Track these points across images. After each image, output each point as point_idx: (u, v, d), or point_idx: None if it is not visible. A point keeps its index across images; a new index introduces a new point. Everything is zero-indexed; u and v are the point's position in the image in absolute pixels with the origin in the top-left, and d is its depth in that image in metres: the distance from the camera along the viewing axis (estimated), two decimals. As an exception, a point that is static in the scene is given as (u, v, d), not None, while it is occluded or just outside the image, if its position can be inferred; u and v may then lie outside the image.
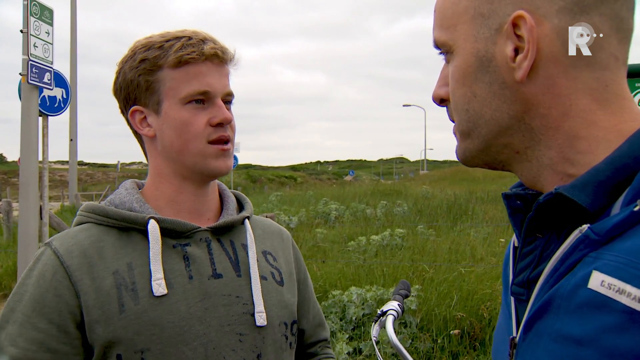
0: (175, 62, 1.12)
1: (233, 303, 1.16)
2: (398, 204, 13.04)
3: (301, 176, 73.49)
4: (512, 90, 0.69)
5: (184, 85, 1.13)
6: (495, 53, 0.69)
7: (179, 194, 1.20)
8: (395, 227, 9.17)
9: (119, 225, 1.14)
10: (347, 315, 5.14)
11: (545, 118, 0.68)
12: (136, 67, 1.15)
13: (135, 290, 1.08)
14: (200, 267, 1.14)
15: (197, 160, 1.16)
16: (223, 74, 1.18)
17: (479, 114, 0.72)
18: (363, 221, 11.58)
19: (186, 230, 1.16)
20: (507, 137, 0.71)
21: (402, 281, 2.32)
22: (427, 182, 25.12)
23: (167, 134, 1.16)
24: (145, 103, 1.17)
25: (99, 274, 1.08)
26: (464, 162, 0.79)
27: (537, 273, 0.69)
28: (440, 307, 5.18)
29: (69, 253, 1.09)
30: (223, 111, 1.16)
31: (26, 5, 5.41)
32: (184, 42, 1.14)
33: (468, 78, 0.72)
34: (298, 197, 18.35)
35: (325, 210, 12.83)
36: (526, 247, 0.72)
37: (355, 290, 5.29)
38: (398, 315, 2.09)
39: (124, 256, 1.11)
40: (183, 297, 1.10)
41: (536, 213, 0.68)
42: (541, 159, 0.70)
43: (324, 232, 9.54)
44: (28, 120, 5.41)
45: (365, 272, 6.39)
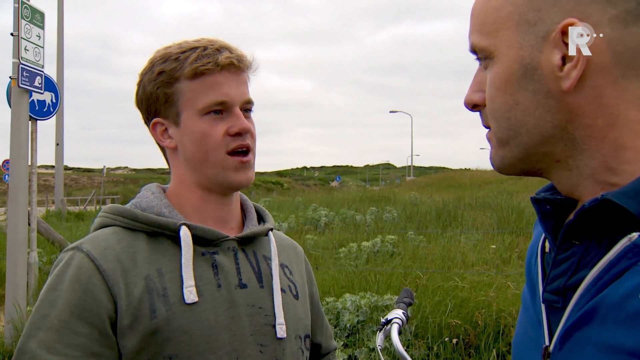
0: (191, 74, 1.12)
1: (256, 314, 1.16)
2: (387, 210, 13.04)
3: (287, 182, 73.46)
4: (557, 100, 0.67)
5: (201, 96, 1.13)
6: (541, 61, 0.68)
7: (204, 202, 1.20)
8: (386, 234, 9.17)
9: (147, 230, 1.13)
10: (341, 322, 5.11)
11: (590, 128, 0.67)
12: (154, 80, 1.15)
13: (167, 296, 1.07)
14: (227, 276, 1.14)
15: (217, 172, 1.16)
16: (240, 82, 1.17)
17: (520, 122, 0.71)
18: (353, 227, 11.57)
19: (216, 239, 1.16)
20: (548, 146, 0.70)
21: (405, 289, 2.30)
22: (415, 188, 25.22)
23: (187, 145, 1.16)
24: (166, 115, 1.17)
25: (132, 279, 1.07)
26: (499, 169, 0.78)
27: (575, 281, 0.67)
28: (434, 314, 5.17)
29: (104, 257, 1.07)
30: (241, 120, 1.15)
31: (17, 8, 5.35)
32: (199, 52, 1.13)
33: (510, 86, 0.70)
34: (287, 203, 18.31)
35: (315, 216, 12.80)
36: (562, 253, 0.70)
37: (350, 297, 5.26)
38: (403, 323, 2.07)
39: (154, 262, 1.10)
40: (212, 305, 1.10)
41: (577, 219, 0.67)
42: (582, 169, 0.69)
43: (314, 239, 9.52)
44: (18, 124, 5.34)
45: (359, 279, 6.36)
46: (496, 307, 5.08)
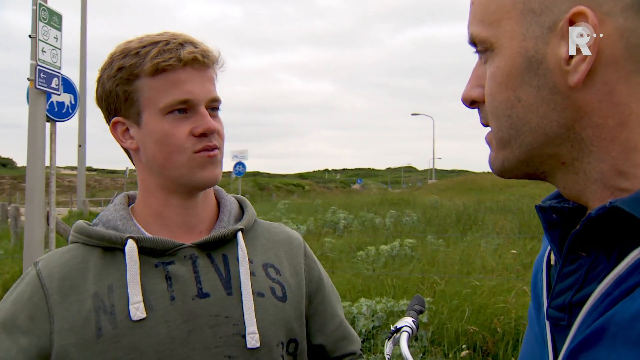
0: (152, 70, 1.05)
1: (221, 324, 1.07)
2: (407, 214, 12.93)
3: (309, 184, 73.47)
4: (563, 96, 0.61)
5: (163, 95, 1.06)
6: (547, 54, 0.61)
7: (165, 207, 1.13)
8: (405, 237, 9.07)
9: (102, 245, 1.09)
10: (356, 328, 5.03)
11: (599, 128, 0.60)
12: (114, 77, 1.08)
13: (114, 313, 1.02)
14: (183, 287, 1.07)
15: (182, 172, 1.08)
16: (206, 79, 1.10)
17: (523, 121, 0.64)
18: (372, 231, 11.48)
19: (167, 248, 1.08)
20: (553, 147, 0.64)
21: (416, 296, 2.22)
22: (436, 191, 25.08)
23: (149, 146, 1.09)
24: (126, 114, 1.10)
25: (78, 297, 1.03)
26: (500, 173, 0.71)
27: (581, 296, 0.61)
28: (452, 320, 5.07)
29: (50, 276, 1.05)
30: (206, 120, 1.08)
31: (35, 11, 5.37)
32: (160, 47, 1.05)
33: (513, 81, 0.64)
34: (306, 206, 18.30)
35: (334, 219, 12.74)
36: (567, 266, 0.65)
37: (365, 302, 5.19)
38: (413, 332, 1.98)
39: (105, 277, 1.06)
40: (164, 319, 1.04)
41: (584, 228, 0.61)
42: (590, 172, 0.62)
43: (332, 242, 9.45)
44: (35, 125, 5.36)
45: (375, 283, 6.28)
46: (515, 314, 4.96)
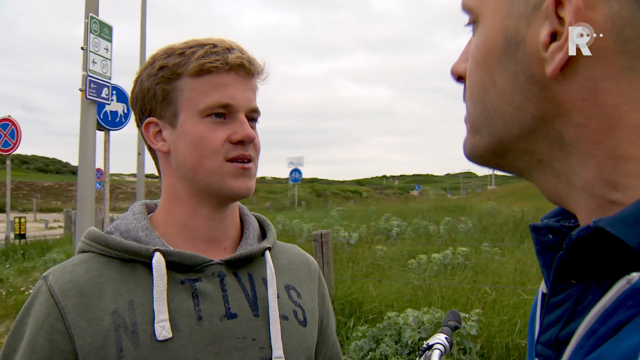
0: (196, 70, 1.01)
1: (248, 347, 1.02)
2: (462, 221, 12.62)
3: (366, 190, 73.20)
4: (541, 87, 0.52)
5: (204, 96, 1.02)
6: (527, 36, 0.52)
7: (193, 218, 1.07)
8: (458, 245, 8.83)
9: (121, 257, 1.02)
10: (402, 339, 4.90)
11: (581, 129, 0.51)
12: (154, 75, 1.04)
13: (136, 332, 0.95)
14: (211, 306, 1.01)
15: (213, 179, 1.03)
16: (249, 87, 1.06)
17: (496, 109, 0.56)
18: (425, 238, 11.25)
19: (196, 264, 1.02)
20: (528, 142, 0.55)
21: (451, 311, 2.10)
22: (494, 197, 24.49)
23: (181, 149, 1.04)
24: (161, 115, 1.05)
25: (96, 315, 0.96)
26: (469, 158, 0.63)
27: (568, 332, 0.54)
28: (502, 333, 4.86)
29: (64, 292, 0.97)
30: (245, 127, 1.03)
31: (87, 24, 5.52)
32: (207, 49, 1.02)
33: (490, 61, 0.56)
34: (360, 213, 18.17)
35: (387, 226, 12.57)
36: (556, 296, 0.57)
37: (412, 313, 5.04)
38: (445, 350, 1.87)
39: (125, 293, 0.99)
40: (190, 340, 0.97)
41: (568, 252, 0.52)
42: (572, 178, 0.53)
43: (384, 249, 9.30)
44: (86, 134, 5.50)
45: (424, 293, 6.12)
46: (571, 328, 4.70)
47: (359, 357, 4.88)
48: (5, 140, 12.67)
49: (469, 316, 4.78)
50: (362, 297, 6.02)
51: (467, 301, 5.70)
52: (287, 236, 11.71)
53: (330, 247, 6.07)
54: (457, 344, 4.68)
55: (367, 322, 5.47)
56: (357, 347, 4.94)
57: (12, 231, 13.73)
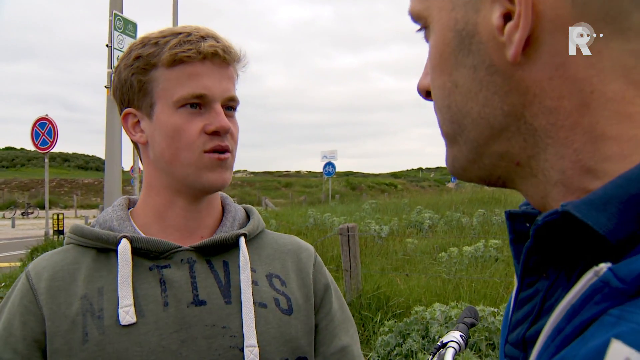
0: (169, 60, 1.00)
1: (218, 335, 0.99)
2: (496, 213, 12.39)
3: (402, 183, 72.75)
4: (504, 76, 0.48)
5: (178, 87, 1.01)
6: (478, 24, 0.48)
7: (168, 208, 1.07)
8: (491, 238, 8.66)
9: (96, 246, 1.04)
10: (429, 334, 4.83)
11: (553, 113, 0.46)
12: (130, 66, 1.04)
13: (102, 317, 0.96)
14: (178, 293, 1.00)
15: (190, 171, 1.03)
16: (225, 76, 1.05)
17: (463, 110, 0.51)
18: (457, 231, 11.09)
19: (164, 250, 1.01)
20: (502, 142, 0.50)
21: (468, 307, 2.03)
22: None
23: (158, 141, 1.04)
24: (139, 106, 1.05)
25: (66, 299, 0.98)
26: (453, 174, 0.58)
27: (535, 331, 0.50)
28: (532, 328, 4.74)
29: (38, 276, 1.00)
30: (221, 118, 1.02)
31: (111, 21, 5.58)
32: (181, 38, 1.01)
33: (446, 62, 0.52)
34: (392, 205, 18.04)
35: (419, 219, 12.44)
36: (524, 290, 0.53)
37: (439, 307, 4.96)
38: (460, 348, 1.80)
39: (97, 279, 1.00)
40: (155, 327, 0.97)
41: (535, 241, 0.48)
42: (549, 173, 0.48)
43: (415, 243, 9.20)
44: (112, 131, 5.57)
45: (453, 287, 6.02)
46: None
47: (385, 352, 4.82)
48: (43, 139, 12.96)
49: (498, 310, 4.68)
50: (389, 292, 5.96)
51: (497, 295, 5.59)
52: (318, 230, 11.70)
53: (357, 240, 6.02)
54: (486, 339, 4.58)
55: (394, 317, 5.41)
56: (383, 342, 4.88)
57: (52, 227, 14.06)
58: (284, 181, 63.61)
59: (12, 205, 35.30)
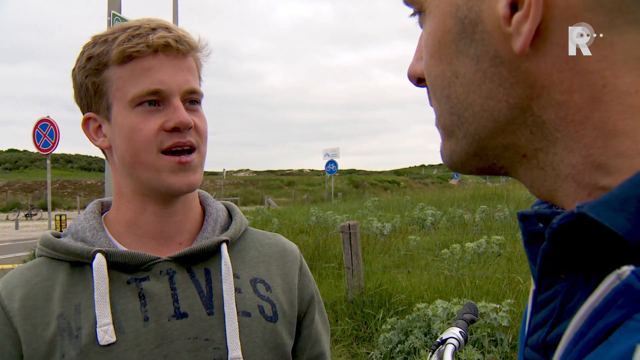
0: (119, 57, 0.94)
1: (200, 347, 0.96)
2: (498, 209, 12.36)
3: (404, 180, 72.61)
4: (510, 68, 0.46)
5: (131, 85, 0.95)
6: (482, 12, 0.46)
7: (140, 215, 1.02)
8: (493, 234, 8.64)
9: (69, 260, 0.98)
10: (432, 331, 4.82)
11: (563, 107, 0.44)
12: (83, 67, 0.98)
13: (79, 337, 0.91)
14: (159, 306, 0.96)
15: (150, 175, 0.97)
16: (182, 67, 0.98)
17: (464, 103, 0.49)
18: (460, 227, 11.07)
19: (141, 263, 0.97)
20: (507, 135, 0.48)
21: (468, 303, 2.02)
22: (534, 184, 23.93)
23: (118, 144, 0.98)
24: (97, 109, 1.00)
25: (42, 320, 0.93)
26: (449, 166, 0.56)
27: (556, 335, 0.48)
28: (535, 324, 4.72)
29: (10, 296, 0.94)
30: (179, 113, 0.96)
31: (109, 21, 5.57)
32: (130, 32, 0.95)
33: (446, 50, 0.49)
34: (395, 203, 18.00)
35: (421, 216, 12.40)
36: (543, 293, 0.51)
37: (441, 304, 4.94)
38: (460, 344, 1.79)
39: (73, 296, 0.95)
40: (135, 343, 0.93)
41: (552, 244, 0.46)
42: (558, 167, 0.46)
43: (417, 239, 9.18)
44: (111, 132, 5.56)
45: (455, 284, 6.00)
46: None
47: (388, 349, 4.81)
48: (45, 140, 12.96)
49: (500, 306, 4.66)
50: (391, 289, 5.95)
51: (499, 291, 5.57)
52: (320, 228, 11.68)
53: (358, 238, 6.01)
54: (488, 335, 4.56)
55: (396, 314, 5.40)
56: (386, 340, 4.88)
57: (55, 229, 14.06)
58: (286, 180, 63.52)
59: (16, 207, 35.31)
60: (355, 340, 5.34)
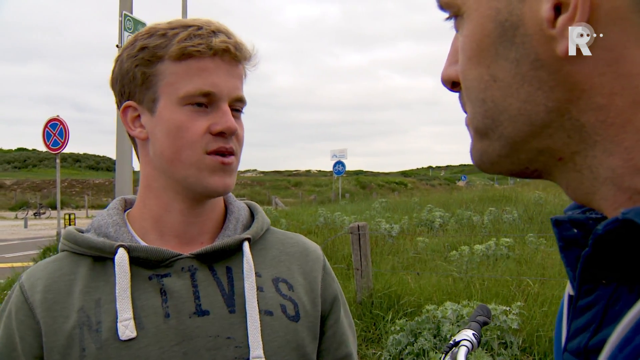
0: (177, 54, 0.95)
1: (222, 346, 0.95)
2: (507, 211, 12.32)
3: (412, 182, 72.50)
4: (550, 71, 0.45)
5: (185, 82, 0.95)
6: (524, 15, 0.46)
7: (166, 212, 1.02)
8: (502, 236, 8.61)
9: (92, 254, 0.99)
10: (441, 333, 4.80)
11: (603, 110, 0.44)
12: (134, 56, 0.98)
13: (100, 331, 0.91)
14: (179, 303, 0.95)
15: (190, 173, 0.97)
16: (234, 74, 0.99)
17: (500, 106, 0.49)
18: (468, 229, 11.04)
19: (163, 259, 0.97)
20: (543, 138, 0.48)
21: (480, 305, 2.02)
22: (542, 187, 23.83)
23: (159, 138, 0.98)
24: (140, 99, 0.99)
25: (62, 312, 0.93)
26: (480, 167, 0.56)
27: (599, 340, 0.47)
28: (545, 327, 4.71)
29: (32, 288, 0.96)
30: (227, 118, 0.97)
31: (121, 21, 5.59)
32: (191, 31, 0.96)
33: (484, 54, 0.49)
34: (403, 204, 17.98)
35: (429, 217, 12.38)
36: (583, 298, 0.50)
37: (451, 306, 4.93)
38: (473, 346, 1.79)
39: (94, 291, 0.95)
40: (155, 339, 0.92)
41: (594, 249, 0.46)
42: (597, 170, 0.46)
43: (426, 241, 9.16)
44: (122, 131, 5.58)
45: (464, 285, 5.99)
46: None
47: (397, 351, 4.81)
48: (54, 139, 13.02)
49: (510, 309, 4.64)
50: (400, 290, 5.94)
51: (509, 294, 5.55)
52: (328, 229, 11.68)
53: (367, 239, 6.00)
54: (498, 337, 4.55)
55: (405, 316, 5.39)
56: (395, 341, 4.87)
57: (64, 227, 14.14)
58: (293, 180, 63.56)
59: (25, 206, 35.52)
60: (364, 341, 5.34)
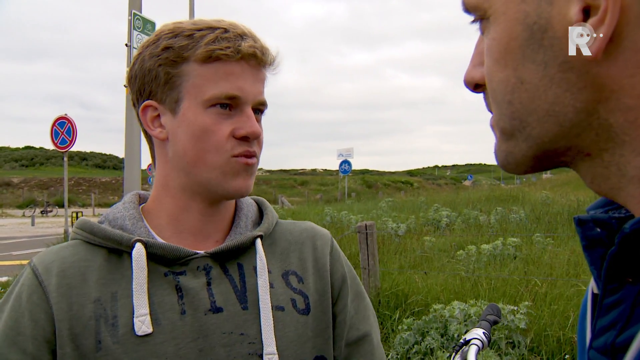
0: (204, 56, 0.94)
1: (236, 342, 0.96)
2: (514, 211, 12.30)
3: (418, 181, 72.39)
4: (579, 73, 0.46)
5: (211, 85, 0.95)
6: (552, 17, 0.46)
7: (183, 211, 1.02)
8: (509, 236, 8.60)
9: (107, 246, 0.98)
10: (448, 332, 4.80)
11: (632, 111, 0.44)
12: (157, 55, 0.97)
13: (116, 325, 0.91)
14: (195, 300, 0.96)
15: (213, 175, 0.98)
16: (258, 78, 1.00)
17: (528, 108, 0.49)
18: (475, 229, 11.02)
19: (179, 257, 0.97)
20: (571, 138, 0.49)
21: (491, 305, 2.02)
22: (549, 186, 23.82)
23: (181, 139, 0.98)
24: (161, 99, 0.99)
25: (77, 299, 0.92)
26: (505, 168, 0.57)
27: (626, 338, 0.48)
28: (553, 327, 4.70)
29: (47, 271, 0.94)
30: (252, 123, 0.97)
31: (130, 20, 5.61)
32: (218, 34, 0.95)
33: (512, 56, 0.49)
34: (409, 203, 17.96)
35: (436, 217, 12.36)
36: (609, 296, 0.51)
37: (458, 305, 4.93)
38: (483, 345, 1.80)
39: (110, 283, 0.95)
40: (171, 336, 0.93)
41: (621, 248, 0.47)
42: (624, 168, 0.47)
43: (433, 241, 9.15)
44: (131, 130, 5.60)
45: (471, 285, 5.98)
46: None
47: (404, 350, 4.81)
48: (62, 138, 13.08)
49: (518, 309, 4.64)
50: (408, 290, 5.94)
51: (516, 293, 5.55)
52: (335, 228, 11.69)
53: (375, 238, 6.01)
54: (506, 337, 4.55)
55: (412, 315, 5.39)
56: (402, 340, 4.87)
57: (71, 225, 14.22)
58: (299, 179, 63.59)
59: (32, 204, 35.71)
60: (371, 340, 5.34)
